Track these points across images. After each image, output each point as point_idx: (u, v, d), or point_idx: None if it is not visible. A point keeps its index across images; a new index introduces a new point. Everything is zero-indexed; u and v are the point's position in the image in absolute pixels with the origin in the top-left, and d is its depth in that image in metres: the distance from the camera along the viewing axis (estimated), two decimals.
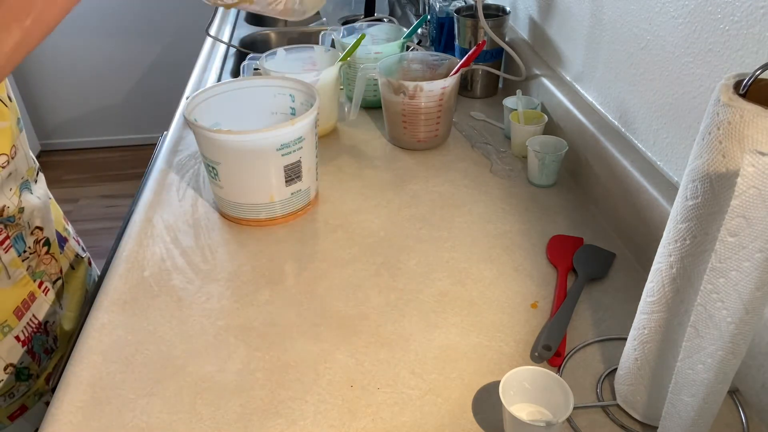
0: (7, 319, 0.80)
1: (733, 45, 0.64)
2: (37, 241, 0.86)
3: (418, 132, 1.07)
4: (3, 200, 0.77)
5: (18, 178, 0.81)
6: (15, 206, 0.79)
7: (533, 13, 1.21)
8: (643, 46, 0.82)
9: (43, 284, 0.87)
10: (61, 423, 0.63)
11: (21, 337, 0.82)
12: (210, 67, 1.46)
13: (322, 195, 0.98)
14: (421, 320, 0.74)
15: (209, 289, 0.79)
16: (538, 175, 0.98)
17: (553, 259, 0.83)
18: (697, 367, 0.50)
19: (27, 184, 0.83)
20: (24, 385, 0.83)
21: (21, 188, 0.81)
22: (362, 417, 0.62)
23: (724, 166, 0.44)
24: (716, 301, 0.47)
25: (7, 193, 0.78)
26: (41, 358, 0.86)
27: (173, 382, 0.67)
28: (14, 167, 0.79)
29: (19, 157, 0.80)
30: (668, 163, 0.80)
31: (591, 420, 0.62)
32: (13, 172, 0.79)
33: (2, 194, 0.77)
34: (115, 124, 3.05)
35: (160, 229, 0.91)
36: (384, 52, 1.19)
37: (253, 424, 0.62)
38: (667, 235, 0.51)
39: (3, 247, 0.78)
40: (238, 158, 0.85)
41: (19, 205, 0.80)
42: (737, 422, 0.61)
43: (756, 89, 0.43)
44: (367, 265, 0.83)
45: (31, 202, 0.83)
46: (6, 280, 0.80)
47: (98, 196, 2.73)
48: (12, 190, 0.79)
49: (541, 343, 0.69)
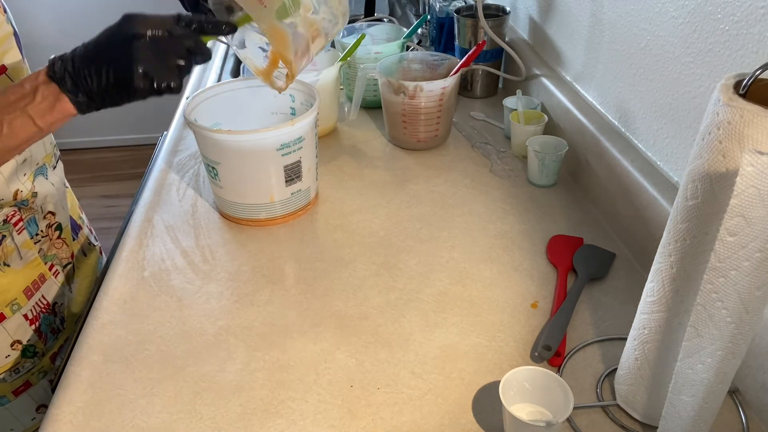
0: (17, 297, 0.82)
1: (733, 45, 0.64)
2: (50, 226, 0.88)
3: (418, 132, 1.07)
4: (17, 184, 0.79)
5: (33, 164, 0.83)
6: (28, 191, 0.81)
7: (533, 13, 1.21)
8: (643, 46, 0.82)
9: (54, 267, 0.89)
10: (61, 423, 0.63)
11: (29, 316, 0.84)
12: (210, 67, 1.46)
13: (322, 195, 0.98)
14: (421, 320, 0.74)
15: (209, 289, 0.79)
16: (538, 175, 0.98)
17: (553, 259, 0.83)
18: (697, 367, 0.50)
19: (42, 170, 0.85)
20: (29, 362, 0.86)
21: (36, 174, 0.83)
22: (362, 417, 0.62)
23: (724, 166, 0.44)
24: (716, 301, 0.47)
25: (21, 177, 0.80)
26: (48, 338, 0.88)
27: (173, 382, 0.67)
28: (29, 153, 0.81)
29: (36, 144, 0.82)
30: (668, 163, 0.80)
31: (591, 420, 0.62)
32: (28, 158, 0.81)
33: (16, 179, 0.79)
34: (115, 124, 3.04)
35: (160, 229, 0.91)
36: (384, 52, 1.19)
37: (253, 424, 0.62)
38: (667, 235, 0.51)
39: (16, 228, 0.81)
40: (238, 158, 0.85)
41: (32, 190, 0.82)
42: (737, 422, 0.61)
43: (756, 89, 0.43)
44: (367, 265, 0.83)
45: (45, 188, 0.85)
46: (18, 260, 0.82)
47: (98, 196, 2.73)
48: (26, 175, 0.81)
49: (541, 343, 0.69)
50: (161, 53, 0.63)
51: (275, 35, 0.71)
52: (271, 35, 0.71)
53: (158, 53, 0.63)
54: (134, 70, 0.61)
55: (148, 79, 0.62)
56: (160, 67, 0.63)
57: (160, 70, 0.63)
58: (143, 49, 0.62)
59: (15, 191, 0.79)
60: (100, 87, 0.62)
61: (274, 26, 0.71)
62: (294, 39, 0.73)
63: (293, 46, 0.73)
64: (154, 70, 0.62)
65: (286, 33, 0.72)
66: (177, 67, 0.64)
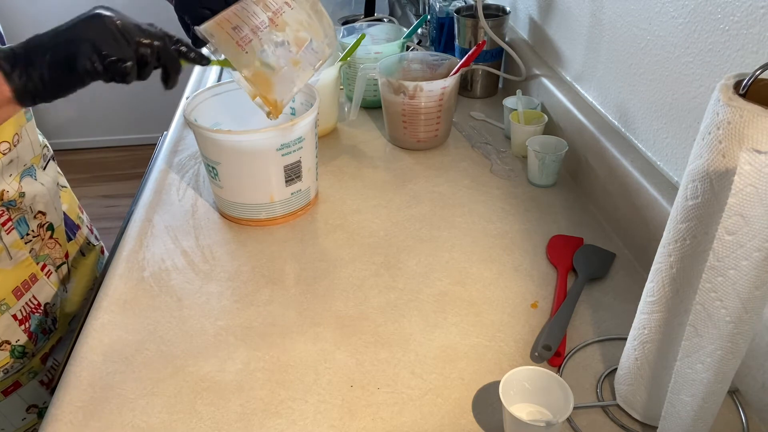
0: (5, 297, 0.82)
1: (733, 45, 0.64)
2: (41, 226, 0.87)
3: (418, 132, 1.07)
4: (2, 185, 0.79)
5: (20, 165, 0.82)
6: (15, 191, 0.81)
7: (533, 13, 1.21)
8: (643, 46, 0.82)
9: (46, 267, 0.89)
10: (61, 423, 0.63)
11: (18, 316, 0.84)
12: (210, 67, 1.46)
13: (322, 195, 0.98)
14: (421, 320, 0.74)
15: (209, 289, 0.79)
16: (538, 175, 0.98)
17: (553, 259, 0.83)
18: (697, 367, 0.50)
19: (30, 171, 0.85)
20: (19, 362, 0.85)
21: (23, 175, 0.83)
22: (362, 417, 0.62)
23: (724, 166, 0.44)
24: (715, 300, 0.47)
25: (6, 178, 0.80)
26: (38, 338, 0.88)
27: (173, 382, 0.67)
28: (16, 154, 0.80)
29: (24, 145, 0.82)
30: (668, 163, 0.80)
31: (591, 420, 0.62)
32: (15, 159, 0.80)
33: (2, 179, 0.79)
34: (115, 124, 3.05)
35: (160, 229, 0.91)
36: (384, 52, 1.19)
37: (253, 424, 0.62)
38: (667, 235, 0.51)
39: (5, 228, 0.80)
40: (238, 158, 0.85)
41: (19, 190, 0.81)
42: (737, 422, 0.61)
43: (756, 89, 0.43)
44: (367, 265, 0.83)
45: (33, 188, 0.84)
46: (7, 260, 0.82)
47: (98, 196, 2.73)
48: (12, 176, 0.81)
49: (541, 343, 0.69)
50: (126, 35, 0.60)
51: (257, 80, 0.71)
52: (252, 80, 0.71)
53: (122, 35, 0.60)
54: (85, 42, 0.58)
55: (98, 53, 0.58)
56: (117, 46, 0.59)
57: (117, 48, 0.59)
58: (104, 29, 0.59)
59: (1, 192, 0.78)
60: (44, 62, 0.58)
61: (256, 72, 0.71)
62: (277, 81, 0.73)
63: (277, 87, 0.73)
64: (108, 46, 0.59)
65: (267, 76, 0.72)
66: (138, 48, 0.61)
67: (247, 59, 0.71)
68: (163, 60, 0.64)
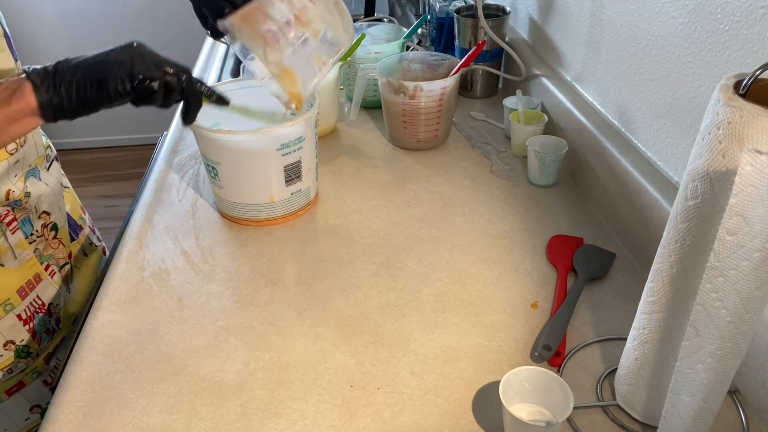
0: (10, 297, 0.82)
1: (733, 45, 0.64)
2: (45, 226, 0.88)
3: (418, 132, 1.07)
4: (8, 185, 0.79)
5: (25, 165, 0.83)
6: (20, 191, 0.81)
7: (533, 13, 1.21)
8: (643, 46, 0.82)
9: (50, 267, 0.89)
10: (61, 423, 0.63)
11: (23, 316, 0.84)
12: (210, 67, 1.46)
13: (322, 195, 0.98)
14: (421, 320, 0.74)
15: (209, 289, 0.79)
16: (538, 175, 0.98)
17: (553, 259, 0.83)
18: (697, 367, 0.50)
19: (34, 172, 0.85)
20: (23, 362, 0.85)
21: (27, 175, 0.83)
22: (362, 417, 0.62)
23: (724, 166, 0.44)
24: (715, 301, 0.47)
25: (12, 178, 0.80)
26: (42, 338, 0.88)
27: (173, 382, 0.67)
28: (22, 155, 0.81)
29: (29, 146, 0.83)
30: (668, 163, 0.80)
31: (591, 420, 0.62)
32: (21, 159, 0.81)
33: (7, 179, 0.79)
34: (115, 124, 3.04)
35: (160, 229, 0.91)
36: (384, 52, 1.19)
37: (253, 424, 0.62)
38: (667, 235, 0.51)
39: (10, 228, 0.81)
40: (238, 158, 0.85)
41: (24, 190, 0.82)
42: (737, 422, 0.61)
43: (756, 89, 0.43)
44: (367, 265, 0.83)
45: (38, 188, 0.85)
46: (12, 260, 0.82)
47: (98, 196, 2.73)
48: (17, 176, 0.81)
49: (541, 343, 0.69)
50: (156, 61, 0.64)
51: (284, 75, 0.73)
52: (279, 76, 0.73)
53: (152, 60, 0.63)
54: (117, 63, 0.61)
55: (128, 72, 0.61)
56: (146, 68, 0.62)
57: (147, 69, 0.62)
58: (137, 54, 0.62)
59: (6, 192, 0.79)
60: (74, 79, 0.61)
61: (284, 69, 0.73)
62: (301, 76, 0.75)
63: (300, 82, 0.75)
64: (138, 67, 0.62)
65: (292, 72, 0.74)
66: (165, 74, 0.64)
67: (274, 56, 0.72)
68: (186, 92, 0.67)
